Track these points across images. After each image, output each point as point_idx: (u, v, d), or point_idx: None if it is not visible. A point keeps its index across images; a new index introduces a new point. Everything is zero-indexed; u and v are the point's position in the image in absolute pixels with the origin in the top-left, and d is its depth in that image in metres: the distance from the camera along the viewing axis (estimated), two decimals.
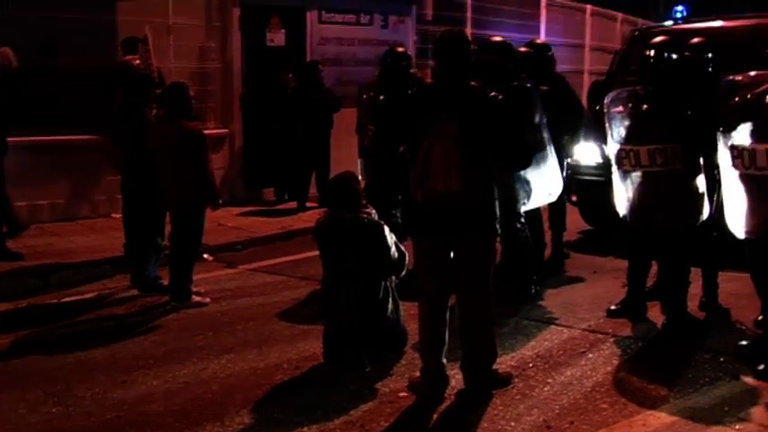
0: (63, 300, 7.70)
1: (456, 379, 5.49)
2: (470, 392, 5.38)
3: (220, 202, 7.90)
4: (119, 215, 8.80)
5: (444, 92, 5.30)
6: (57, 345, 6.48)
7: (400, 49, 8.67)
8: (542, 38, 17.06)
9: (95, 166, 10.48)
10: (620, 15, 22.17)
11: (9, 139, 8.79)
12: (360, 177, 9.15)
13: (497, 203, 5.33)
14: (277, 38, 12.56)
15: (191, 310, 7.29)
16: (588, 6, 19.93)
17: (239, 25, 12.14)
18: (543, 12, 17.97)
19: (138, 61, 8.68)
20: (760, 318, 6.11)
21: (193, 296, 7.50)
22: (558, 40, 16.55)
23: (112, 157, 8.44)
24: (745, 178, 5.57)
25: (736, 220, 5.73)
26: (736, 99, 5.65)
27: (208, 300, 7.53)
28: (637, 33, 11.33)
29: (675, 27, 11.05)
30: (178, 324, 6.98)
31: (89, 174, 10.70)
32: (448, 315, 5.45)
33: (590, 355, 6.10)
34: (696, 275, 6.86)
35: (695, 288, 6.88)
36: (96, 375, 5.80)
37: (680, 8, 16.92)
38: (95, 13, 10.56)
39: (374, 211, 6.02)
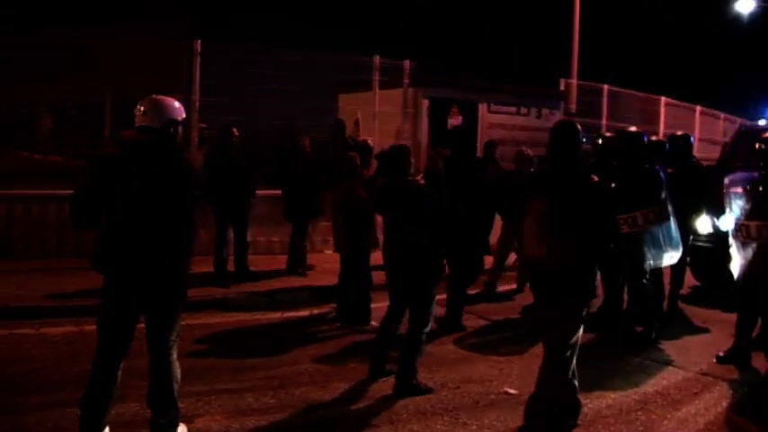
0: (284, 315, 7.63)
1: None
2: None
3: None
4: (330, 251, 8.71)
5: (548, 175, 4.72)
6: (277, 349, 6.36)
7: None
8: (662, 129, 16.21)
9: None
10: (722, 114, 20.81)
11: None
12: None
13: (594, 267, 4.55)
14: (456, 122, 12.36)
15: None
16: (698, 107, 18.83)
17: (427, 113, 12.00)
18: (663, 109, 17.04)
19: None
20: None
21: (372, 322, 7.02)
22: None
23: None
24: None
25: None
26: None
27: None
28: (743, 130, 10.54)
29: None
30: (366, 343, 6.60)
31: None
32: None
33: (703, 396, 5.46)
34: None
35: None
36: (302, 378, 5.65)
37: None
38: (323, 101, 11.02)
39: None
